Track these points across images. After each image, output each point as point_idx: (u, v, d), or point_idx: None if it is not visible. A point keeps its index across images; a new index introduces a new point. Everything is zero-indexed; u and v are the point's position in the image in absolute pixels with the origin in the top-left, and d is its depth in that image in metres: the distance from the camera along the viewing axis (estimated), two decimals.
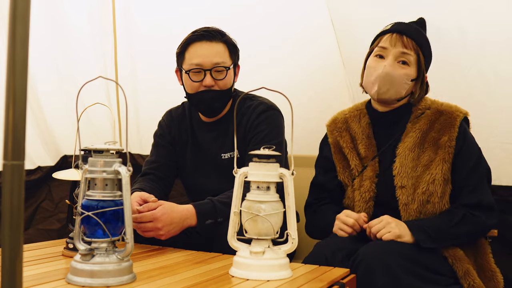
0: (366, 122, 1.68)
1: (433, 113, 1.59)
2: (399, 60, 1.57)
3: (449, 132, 1.54)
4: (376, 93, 1.59)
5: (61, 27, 2.71)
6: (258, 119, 1.78)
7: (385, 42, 1.59)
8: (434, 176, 1.51)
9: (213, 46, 1.75)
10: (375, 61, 1.60)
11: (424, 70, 1.61)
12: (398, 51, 1.57)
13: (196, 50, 1.75)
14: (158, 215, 1.50)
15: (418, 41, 1.59)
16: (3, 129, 0.66)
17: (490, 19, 1.90)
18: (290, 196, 1.22)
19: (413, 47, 1.57)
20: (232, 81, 1.80)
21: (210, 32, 1.76)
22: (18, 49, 0.66)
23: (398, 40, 1.57)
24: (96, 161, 1.12)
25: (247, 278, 1.18)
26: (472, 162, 1.54)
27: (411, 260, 1.38)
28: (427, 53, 1.62)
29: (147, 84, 2.76)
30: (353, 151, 1.66)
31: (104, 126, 2.83)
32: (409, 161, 1.55)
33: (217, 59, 1.74)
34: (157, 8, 2.65)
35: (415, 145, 1.57)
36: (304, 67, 2.38)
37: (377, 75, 1.58)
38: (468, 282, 1.44)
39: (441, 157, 1.53)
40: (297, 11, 2.34)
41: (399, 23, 1.63)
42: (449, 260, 1.48)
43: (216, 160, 1.84)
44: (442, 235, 1.47)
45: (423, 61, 1.60)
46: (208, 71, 1.73)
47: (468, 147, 1.55)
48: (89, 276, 1.07)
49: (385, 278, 1.31)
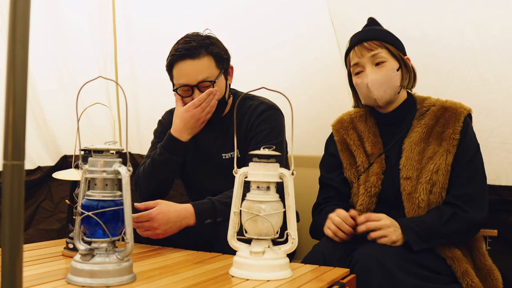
0: (372, 121, 1.71)
1: (438, 109, 1.62)
2: (375, 63, 1.61)
3: (454, 125, 1.57)
4: (376, 101, 1.62)
5: (61, 27, 2.71)
6: (259, 119, 1.78)
7: (354, 58, 1.64)
8: (438, 166, 1.53)
9: (196, 63, 1.72)
10: (358, 78, 1.65)
11: (401, 55, 1.64)
12: (368, 58, 1.61)
13: (180, 70, 1.74)
14: (154, 215, 1.52)
15: (377, 37, 1.62)
16: (3, 129, 0.66)
17: (489, 20, 1.90)
18: (290, 196, 1.22)
19: (377, 46, 1.61)
20: (224, 89, 1.80)
21: (191, 49, 1.72)
22: (18, 49, 0.66)
23: (361, 49, 1.62)
24: (96, 161, 1.12)
25: (247, 278, 1.18)
26: (469, 155, 1.56)
27: (407, 259, 1.38)
28: (393, 41, 1.65)
29: (147, 84, 2.76)
30: (360, 148, 1.68)
31: (104, 126, 2.83)
32: (415, 155, 1.58)
33: (201, 76, 1.72)
34: (157, 8, 2.65)
35: (420, 140, 1.59)
36: (304, 67, 2.38)
37: (366, 86, 1.61)
38: (466, 282, 1.45)
39: (445, 148, 1.55)
40: (297, 11, 2.34)
41: (354, 35, 1.68)
42: (448, 261, 1.48)
43: (217, 160, 1.84)
44: (433, 235, 1.47)
45: (394, 49, 1.63)
46: (195, 87, 1.74)
47: (468, 140, 1.57)
48: (89, 276, 1.07)
49: (382, 277, 1.31)
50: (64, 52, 2.73)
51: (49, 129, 2.72)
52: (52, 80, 2.71)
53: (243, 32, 2.41)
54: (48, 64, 2.68)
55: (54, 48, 2.70)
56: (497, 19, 1.89)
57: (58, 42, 2.71)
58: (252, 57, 2.38)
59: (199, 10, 2.54)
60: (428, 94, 1.70)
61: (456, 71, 1.99)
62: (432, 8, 2.00)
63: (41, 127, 2.69)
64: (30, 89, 2.53)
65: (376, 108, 1.69)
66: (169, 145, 1.76)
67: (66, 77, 2.73)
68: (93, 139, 2.69)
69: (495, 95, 1.93)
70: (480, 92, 1.96)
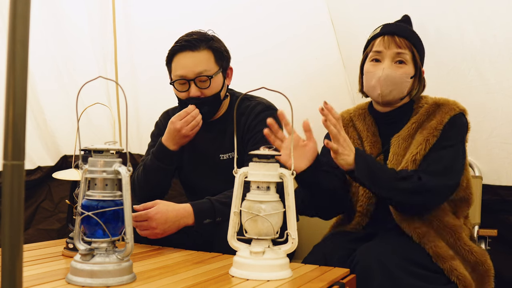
0: (371, 120, 1.70)
1: (431, 106, 1.60)
2: (396, 60, 1.59)
3: (440, 118, 1.54)
4: (379, 96, 1.60)
5: (61, 27, 2.71)
6: (256, 119, 1.78)
7: (379, 46, 1.60)
8: (415, 156, 1.50)
9: (195, 55, 1.73)
10: (372, 66, 1.62)
11: (420, 66, 1.63)
12: (393, 52, 1.58)
13: (179, 61, 1.75)
14: (151, 214, 1.52)
15: (410, 39, 1.61)
16: (3, 129, 0.66)
17: (490, 19, 1.90)
18: (290, 196, 1.22)
19: (406, 46, 1.59)
20: (221, 86, 1.79)
21: (192, 41, 1.73)
22: (18, 49, 0.66)
23: (391, 41, 1.59)
24: (96, 161, 1.12)
25: (247, 278, 1.18)
26: (446, 144, 1.51)
27: (409, 260, 1.38)
28: (420, 48, 1.64)
29: (147, 84, 2.76)
30: (359, 147, 1.66)
31: (104, 126, 2.83)
32: (401, 150, 1.56)
33: (199, 69, 1.72)
34: (157, 8, 2.65)
35: (409, 135, 1.57)
36: (304, 67, 2.38)
37: (378, 79, 1.58)
38: (454, 277, 1.44)
39: (424, 137, 1.52)
40: (297, 11, 2.34)
41: (388, 25, 1.65)
42: (433, 258, 1.45)
43: (215, 161, 1.83)
44: (381, 179, 1.43)
45: (418, 57, 1.62)
46: (192, 81, 1.73)
47: (450, 132, 1.53)
48: (89, 276, 1.07)
49: (382, 277, 1.31)
50: (64, 52, 2.73)
51: (49, 129, 2.72)
52: (52, 80, 2.71)
53: (243, 32, 2.41)
54: (48, 64, 2.68)
55: (54, 48, 2.70)
56: (498, 18, 1.88)
57: (58, 42, 2.71)
58: (252, 57, 2.38)
59: (199, 10, 2.54)
60: (428, 93, 1.69)
61: (457, 70, 1.99)
62: (433, 7, 2.00)
63: (41, 127, 2.69)
64: (30, 89, 2.53)
65: (375, 102, 1.68)
66: (159, 153, 1.76)
67: (66, 77, 2.73)
68: (93, 139, 2.68)
69: (495, 95, 1.93)
70: (480, 92, 1.96)
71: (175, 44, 1.77)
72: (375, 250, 1.39)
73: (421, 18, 2.01)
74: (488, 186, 1.97)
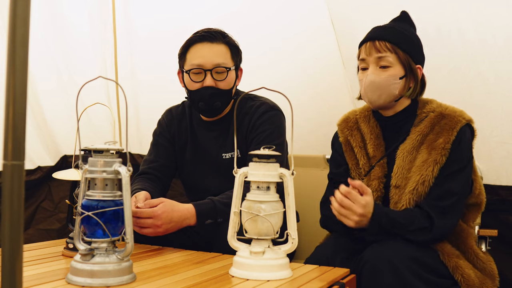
0: (375, 123, 1.68)
1: (436, 116, 1.57)
2: (380, 65, 1.58)
3: (447, 135, 1.52)
4: (369, 102, 1.61)
5: (61, 27, 2.71)
6: (260, 119, 1.78)
7: (363, 53, 1.61)
8: (424, 178, 1.49)
9: (214, 47, 1.75)
10: (361, 74, 1.63)
11: (411, 64, 1.59)
12: (374, 58, 1.58)
13: (197, 51, 1.76)
14: (158, 213, 1.50)
15: (392, 40, 1.57)
16: (3, 129, 0.66)
17: (490, 19, 1.90)
18: (290, 196, 1.22)
19: (388, 49, 1.56)
20: (234, 82, 1.80)
21: (211, 33, 1.76)
22: (18, 49, 0.66)
23: (371, 47, 1.58)
24: (96, 161, 1.12)
25: (247, 278, 1.18)
26: (456, 167, 1.51)
27: (418, 262, 1.38)
28: (409, 47, 1.60)
29: (147, 84, 2.76)
30: (362, 150, 1.65)
31: (104, 126, 2.83)
32: (406, 163, 1.55)
33: (218, 60, 1.74)
34: (157, 8, 2.65)
35: (413, 148, 1.56)
36: (304, 68, 2.38)
37: (364, 86, 1.59)
38: (458, 276, 1.44)
39: (433, 158, 1.51)
40: (297, 11, 2.34)
41: (373, 29, 1.64)
42: (440, 255, 1.47)
43: (217, 160, 1.83)
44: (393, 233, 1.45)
45: (405, 57, 1.58)
46: (208, 72, 1.73)
47: (459, 152, 1.52)
48: (89, 276, 1.07)
49: (393, 278, 1.30)
50: (64, 52, 2.73)
51: (49, 129, 2.72)
52: (52, 80, 2.71)
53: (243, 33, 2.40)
54: (48, 64, 2.68)
55: (54, 48, 2.70)
56: (497, 18, 1.88)
57: (58, 42, 2.71)
58: (252, 57, 2.37)
59: (199, 11, 2.54)
60: (428, 93, 1.69)
61: (457, 70, 1.99)
62: (433, 7, 2.00)
63: (41, 127, 2.69)
64: (30, 89, 2.53)
65: (375, 109, 1.68)
66: None
67: (66, 77, 2.73)
68: (93, 139, 2.68)
69: (495, 95, 1.93)
70: (480, 92, 1.96)
71: (194, 35, 1.78)
72: (386, 251, 1.38)
73: (421, 18, 2.01)
74: (488, 186, 1.97)
